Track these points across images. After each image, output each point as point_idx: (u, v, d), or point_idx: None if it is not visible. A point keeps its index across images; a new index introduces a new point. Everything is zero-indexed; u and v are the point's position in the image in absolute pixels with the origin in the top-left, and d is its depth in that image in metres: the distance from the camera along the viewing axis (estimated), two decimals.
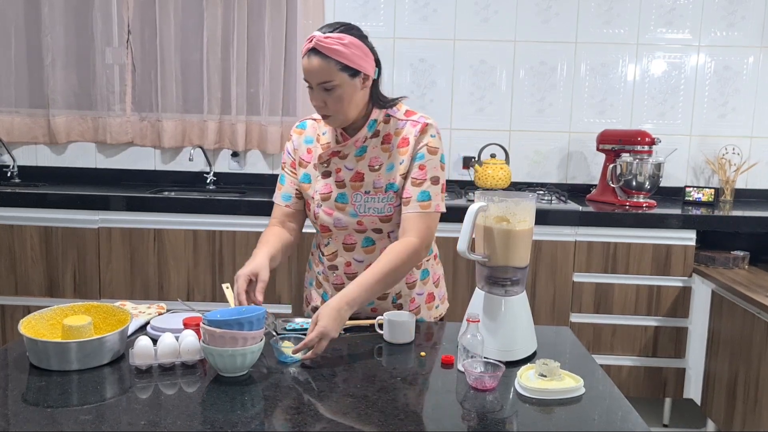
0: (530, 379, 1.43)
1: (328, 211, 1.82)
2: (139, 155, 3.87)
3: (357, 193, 1.80)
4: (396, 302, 1.90)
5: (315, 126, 1.91)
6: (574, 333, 1.86)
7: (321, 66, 1.66)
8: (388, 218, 1.80)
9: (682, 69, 3.75)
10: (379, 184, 1.79)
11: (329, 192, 1.82)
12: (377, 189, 1.79)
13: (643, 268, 3.16)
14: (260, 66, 3.70)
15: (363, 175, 1.80)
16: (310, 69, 1.67)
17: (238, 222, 3.20)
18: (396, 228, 1.83)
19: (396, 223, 1.82)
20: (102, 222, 3.22)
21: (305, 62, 1.68)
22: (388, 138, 1.80)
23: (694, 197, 3.60)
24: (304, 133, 1.92)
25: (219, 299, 3.22)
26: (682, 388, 3.22)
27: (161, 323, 1.70)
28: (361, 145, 1.81)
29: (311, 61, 1.66)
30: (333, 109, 1.72)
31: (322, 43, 1.65)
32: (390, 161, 1.79)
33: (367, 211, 1.80)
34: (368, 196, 1.79)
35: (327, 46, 1.65)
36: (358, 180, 1.80)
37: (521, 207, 1.59)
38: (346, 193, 1.81)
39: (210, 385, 1.40)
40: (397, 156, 1.79)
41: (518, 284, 1.62)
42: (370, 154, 1.80)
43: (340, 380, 1.45)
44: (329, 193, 1.82)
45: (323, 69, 1.66)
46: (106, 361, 1.48)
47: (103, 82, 3.73)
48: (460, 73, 3.77)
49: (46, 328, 1.58)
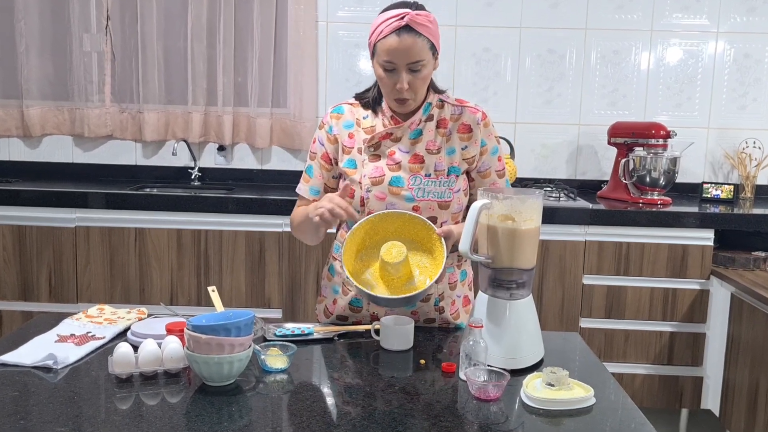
0: (537, 388, 1.43)
1: (380, 196, 1.82)
2: (119, 149, 3.86)
3: (416, 176, 1.82)
4: (438, 305, 1.91)
5: (352, 110, 1.92)
6: (583, 339, 1.86)
7: (415, 44, 1.69)
8: (447, 204, 1.82)
9: (700, 57, 3.75)
10: (440, 166, 1.82)
11: (381, 175, 1.83)
12: (438, 172, 1.82)
13: (657, 269, 3.17)
14: (248, 54, 3.69)
15: (422, 157, 1.83)
16: (403, 48, 1.69)
17: (225, 221, 3.20)
18: (450, 219, 1.85)
19: (451, 213, 1.84)
20: (79, 221, 3.21)
21: (394, 41, 1.69)
22: (444, 123, 1.85)
23: (712, 194, 3.61)
24: (342, 117, 1.91)
25: (205, 303, 3.22)
26: (699, 398, 3.23)
27: (143, 329, 1.69)
28: (415, 128, 1.84)
29: (404, 39, 1.69)
30: (418, 89, 1.76)
31: (416, 20, 1.69)
32: (449, 145, 1.84)
33: (426, 195, 1.81)
34: (429, 179, 1.82)
35: (420, 23, 1.69)
36: (417, 162, 1.83)
37: (527, 205, 1.59)
38: (402, 176, 1.82)
39: (195, 396, 1.40)
40: (458, 141, 1.84)
41: (524, 287, 1.62)
42: (426, 137, 1.84)
43: (334, 390, 1.45)
44: (381, 177, 1.83)
45: (417, 47, 1.70)
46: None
47: (80, 70, 3.72)
48: (462, 61, 3.77)
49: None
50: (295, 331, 1.77)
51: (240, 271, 3.22)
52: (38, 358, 1.53)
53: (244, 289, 3.23)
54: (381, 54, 1.72)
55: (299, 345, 1.66)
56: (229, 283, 3.22)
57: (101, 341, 1.68)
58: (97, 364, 1.55)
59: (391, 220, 1.76)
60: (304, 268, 3.21)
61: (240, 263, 3.21)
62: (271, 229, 3.19)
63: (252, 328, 1.48)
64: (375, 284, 1.73)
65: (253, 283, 3.22)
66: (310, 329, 1.77)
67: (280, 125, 3.75)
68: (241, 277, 3.22)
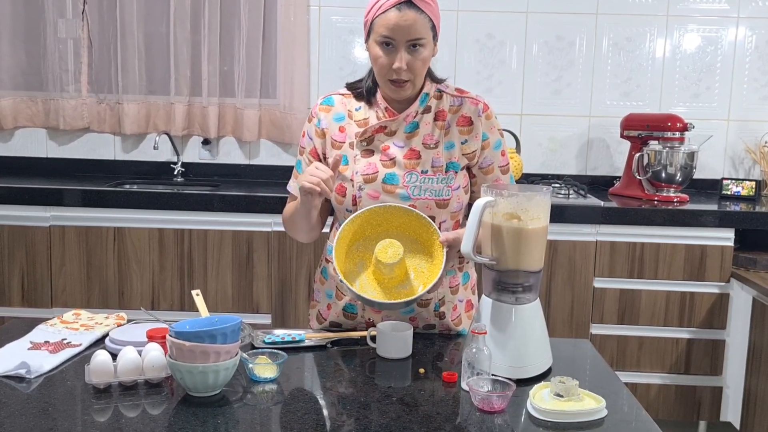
0: (545, 399, 1.43)
1: (373, 194, 1.82)
2: (96, 143, 3.86)
3: (412, 173, 1.82)
4: (438, 310, 1.91)
5: (344, 101, 1.91)
6: (594, 346, 1.86)
7: (416, 20, 1.71)
8: (445, 203, 1.82)
9: (719, 44, 3.76)
10: (438, 162, 1.82)
11: (374, 172, 1.82)
12: (436, 168, 1.82)
13: (674, 272, 3.17)
14: (235, 40, 3.69)
15: (419, 152, 1.82)
16: (403, 23, 1.70)
17: (211, 219, 3.20)
18: (449, 219, 1.85)
19: (450, 212, 1.84)
20: (54, 219, 3.21)
21: (395, 16, 1.70)
22: (442, 115, 1.85)
23: (732, 191, 3.61)
24: (332, 110, 1.91)
25: (188, 308, 3.22)
26: (718, 410, 3.23)
27: (122, 335, 1.69)
28: (411, 121, 1.84)
29: (405, 14, 1.70)
30: (416, 71, 1.76)
31: None
32: (448, 139, 1.84)
33: (423, 194, 1.81)
34: (426, 176, 1.82)
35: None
36: (413, 158, 1.82)
37: (534, 202, 1.59)
38: (397, 172, 1.82)
39: (178, 407, 1.40)
40: (457, 134, 1.84)
41: (531, 291, 1.62)
42: (423, 130, 1.84)
43: (327, 402, 1.45)
44: (374, 174, 1.82)
45: (418, 23, 1.71)
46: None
47: (55, 59, 3.71)
48: (464, 48, 3.77)
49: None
50: (286, 338, 1.77)
51: (226, 274, 3.22)
52: (10, 367, 1.53)
53: (230, 293, 3.23)
54: (379, 29, 1.72)
55: (290, 353, 1.66)
56: (215, 287, 3.22)
57: (77, 349, 1.68)
58: (73, 373, 1.55)
59: (397, 215, 1.76)
60: (295, 271, 3.21)
61: (226, 265, 3.21)
62: (260, 228, 3.19)
63: (239, 334, 1.48)
64: (366, 282, 1.74)
65: (240, 287, 3.22)
66: (301, 336, 1.77)
67: (269, 117, 3.75)
68: (227, 279, 3.22)
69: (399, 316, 1.86)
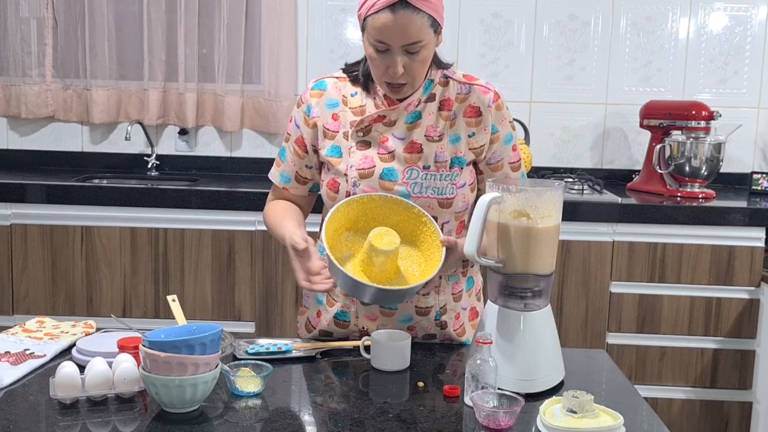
0: (556, 415, 1.43)
1: (369, 191, 1.81)
2: (62, 133, 3.86)
3: (412, 168, 1.81)
4: (440, 319, 1.90)
5: (338, 85, 1.89)
6: (611, 358, 1.87)
7: (412, 22, 1.65)
8: (449, 202, 1.82)
9: (749, 24, 3.77)
10: (442, 157, 1.81)
11: (371, 167, 1.82)
12: (439, 164, 1.81)
13: (698, 276, 3.18)
14: (215, 20, 3.69)
15: (420, 145, 1.81)
16: (398, 27, 1.64)
17: (188, 218, 3.20)
18: (453, 219, 1.85)
19: (454, 213, 1.84)
20: (15, 217, 3.21)
21: (387, 19, 1.64)
22: (447, 104, 1.83)
23: (763, 186, 3.62)
24: (324, 95, 1.89)
25: (164, 315, 3.22)
26: (748, 426, 3.24)
27: (90, 345, 1.69)
28: (413, 110, 1.83)
29: (399, 16, 1.63)
30: (415, 74, 1.73)
31: None
32: (454, 131, 1.83)
33: (424, 191, 1.81)
34: (427, 172, 1.81)
35: None
36: (415, 151, 1.81)
37: (545, 199, 1.59)
38: (396, 167, 1.81)
39: (152, 424, 1.40)
40: (464, 127, 1.83)
41: (541, 296, 1.62)
42: (426, 121, 1.83)
43: (317, 418, 1.45)
44: (371, 168, 1.82)
45: (414, 26, 1.65)
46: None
47: (16, 40, 3.71)
48: (468, 29, 3.77)
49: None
50: (271, 348, 1.77)
51: (205, 278, 3.22)
52: None
53: (210, 299, 3.23)
54: (371, 32, 1.68)
55: (275, 364, 1.66)
56: (193, 292, 3.22)
57: (41, 360, 1.68)
58: (37, 386, 1.55)
59: (396, 210, 1.76)
60: (281, 274, 3.21)
61: (205, 268, 3.21)
62: (243, 227, 3.19)
63: (219, 344, 1.48)
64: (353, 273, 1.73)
65: (221, 292, 3.22)
66: (288, 346, 1.77)
67: (252, 105, 3.75)
68: (206, 284, 3.22)
69: (396, 325, 1.86)
